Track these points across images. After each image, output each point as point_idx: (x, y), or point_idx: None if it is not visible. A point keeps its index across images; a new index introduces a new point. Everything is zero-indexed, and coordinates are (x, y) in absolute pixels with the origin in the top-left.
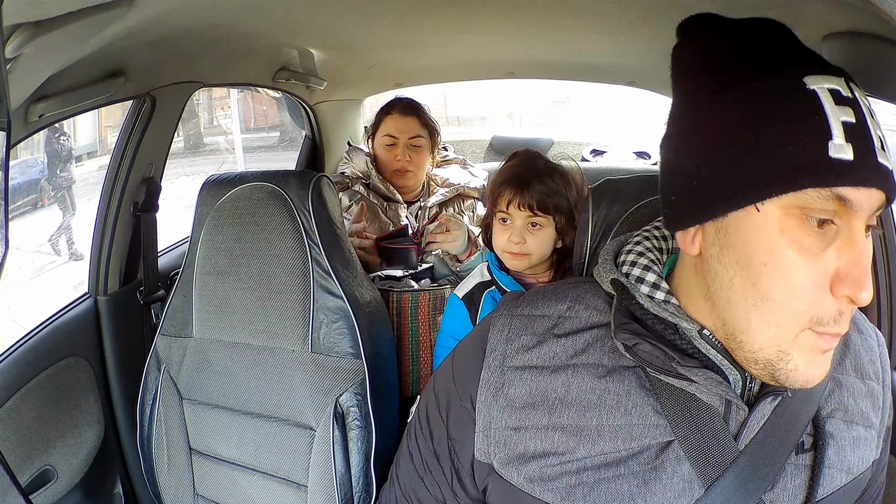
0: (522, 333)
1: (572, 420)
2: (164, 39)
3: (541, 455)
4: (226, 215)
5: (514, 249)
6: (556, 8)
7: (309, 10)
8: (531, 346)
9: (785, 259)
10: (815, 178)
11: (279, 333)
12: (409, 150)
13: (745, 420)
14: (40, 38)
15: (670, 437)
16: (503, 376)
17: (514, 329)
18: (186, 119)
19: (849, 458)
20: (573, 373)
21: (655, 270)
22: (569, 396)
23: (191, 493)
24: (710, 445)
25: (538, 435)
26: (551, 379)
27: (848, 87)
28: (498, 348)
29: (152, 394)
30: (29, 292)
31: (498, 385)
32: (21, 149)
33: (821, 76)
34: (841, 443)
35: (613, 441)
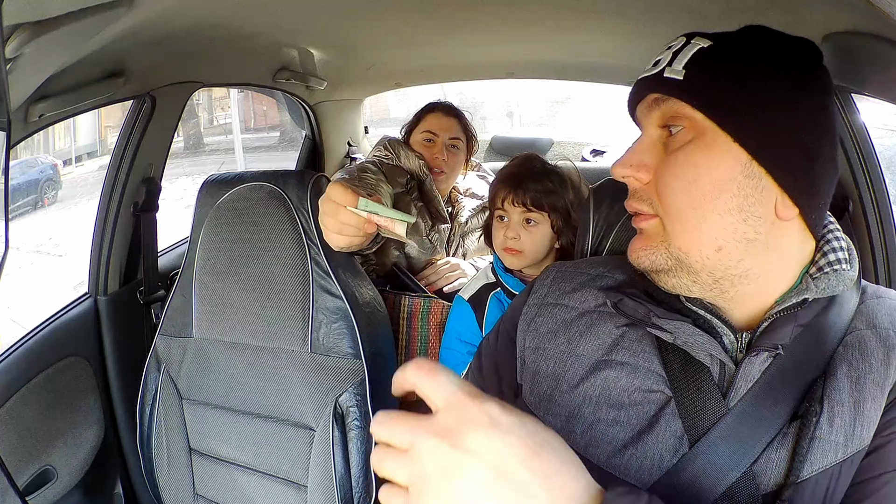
0: (564, 279)
1: (587, 350)
2: (164, 39)
3: (552, 377)
4: (225, 215)
5: (510, 245)
6: (556, 8)
7: (309, 10)
8: (568, 291)
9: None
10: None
11: (279, 334)
12: (448, 150)
13: (733, 377)
14: (40, 38)
15: (669, 393)
16: (539, 310)
17: (558, 276)
18: (186, 119)
19: (846, 430)
20: (598, 317)
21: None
22: (589, 333)
23: (191, 493)
24: (699, 401)
25: (554, 356)
26: (578, 317)
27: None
28: (541, 290)
29: (152, 394)
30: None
31: (532, 316)
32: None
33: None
34: (839, 410)
35: (618, 373)
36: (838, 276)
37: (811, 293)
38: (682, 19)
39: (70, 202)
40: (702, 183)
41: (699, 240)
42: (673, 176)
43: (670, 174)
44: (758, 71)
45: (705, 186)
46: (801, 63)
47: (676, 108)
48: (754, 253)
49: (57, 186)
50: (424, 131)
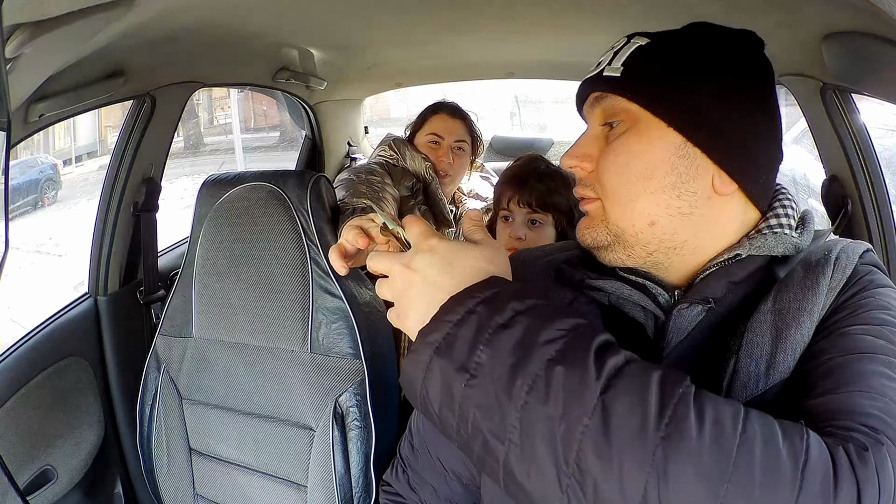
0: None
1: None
2: (164, 39)
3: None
4: (225, 215)
5: (515, 245)
6: (556, 8)
7: (309, 10)
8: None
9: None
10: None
11: (278, 333)
12: (453, 153)
13: (664, 328)
14: (40, 38)
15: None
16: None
17: (520, 261)
18: (186, 119)
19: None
20: (554, 285)
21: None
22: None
23: (191, 493)
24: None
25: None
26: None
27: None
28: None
29: (152, 394)
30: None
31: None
32: (21, 149)
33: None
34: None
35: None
36: (777, 237)
37: (743, 249)
38: (681, 19)
39: (70, 202)
40: (634, 165)
41: (632, 216)
42: (610, 161)
43: (608, 160)
44: (691, 62)
45: (638, 168)
46: (737, 52)
47: (615, 104)
48: (690, 226)
49: (57, 186)
50: (430, 133)
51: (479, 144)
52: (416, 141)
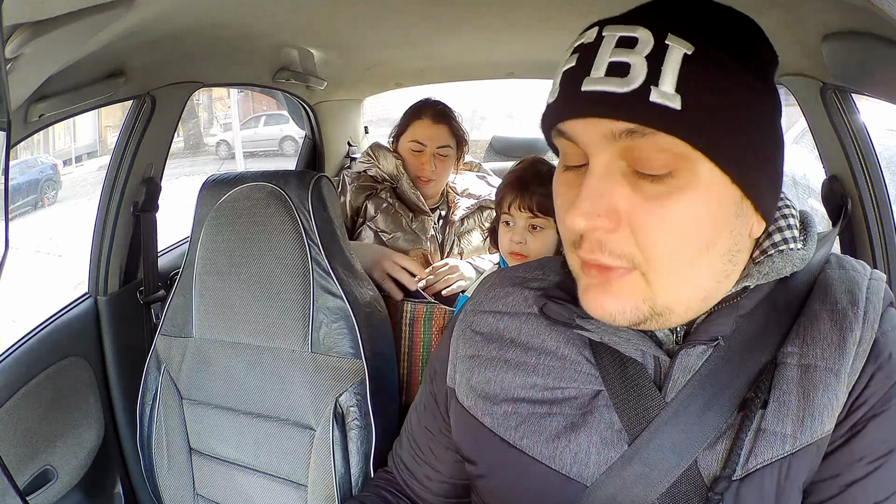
0: (499, 285)
1: (516, 356)
2: (164, 39)
3: (486, 381)
4: (225, 215)
5: (516, 249)
6: (556, 8)
7: (309, 10)
8: (502, 296)
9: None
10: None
11: (279, 333)
12: (436, 158)
13: (669, 370)
14: (40, 38)
15: (600, 387)
16: (474, 317)
17: (494, 283)
18: (186, 119)
19: (794, 419)
20: (525, 319)
21: None
22: (519, 338)
23: (191, 493)
24: (636, 397)
25: (488, 364)
26: (509, 323)
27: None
28: (477, 296)
29: (152, 394)
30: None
31: (468, 323)
32: (21, 149)
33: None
34: (786, 399)
35: (546, 378)
36: (784, 256)
37: (752, 280)
38: None
39: (70, 202)
40: (698, 235)
41: (689, 293)
42: (664, 229)
43: (660, 227)
44: (748, 84)
45: (702, 237)
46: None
47: (663, 145)
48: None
49: (57, 186)
50: (412, 140)
51: (464, 145)
52: (400, 146)
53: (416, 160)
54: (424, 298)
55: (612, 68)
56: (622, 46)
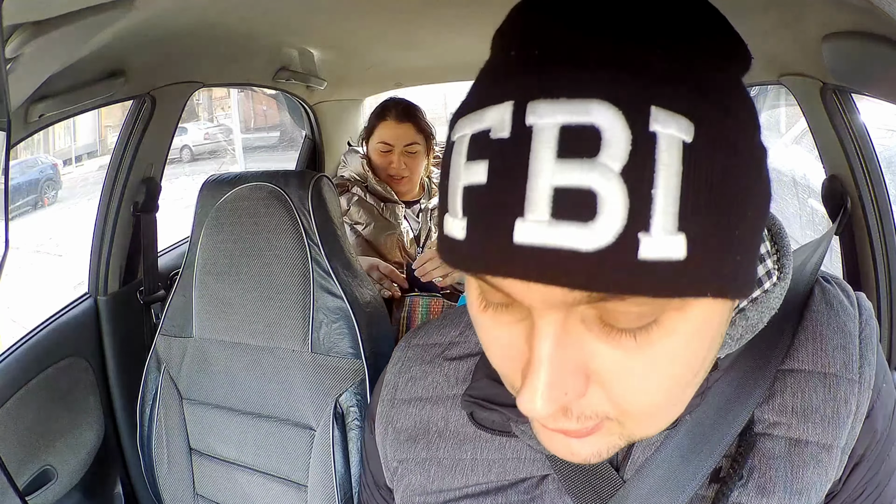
0: (413, 364)
1: (448, 453)
2: (164, 39)
3: (420, 486)
4: (225, 215)
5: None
6: None
7: (309, 10)
8: (419, 378)
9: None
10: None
11: (279, 333)
12: (405, 156)
13: (628, 453)
14: (40, 38)
15: (547, 471)
16: (393, 409)
17: (407, 360)
18: (186, 119)
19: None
20: (451, 405)
21: None
22: (447, 430)
23: (191, 493)
24: (589, 478)
25: (418, 468)
26: (433, 411)
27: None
28: (391, 382)
29: (152, 394)
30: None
31: (389, 419)
32: (21, 149)
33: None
34: (772, 475)
35: (487, 475)
36: (759, 305)
37: (724, 349)
38: None
39: (70, 202)
40: (685, 371)
41: (666, 421)
42: (648, 384)
43: (642, 383)
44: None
45: (690, 370)
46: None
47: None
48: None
49: (57, 186)
50: (379, 142)
51: (431, 139)
52: (369, 148)
53: (386, 160)
54: (419, 292)
55: (562, 202)
56: (571, 150)
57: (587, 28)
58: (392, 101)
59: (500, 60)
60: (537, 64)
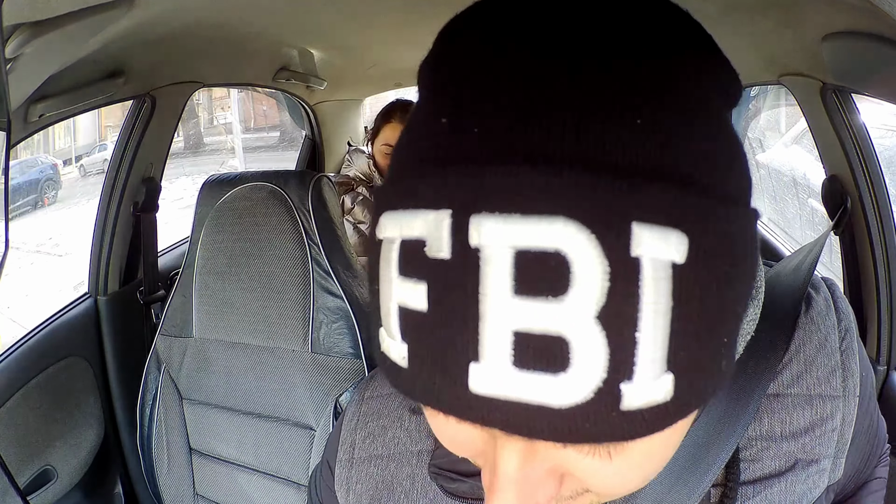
0: (370, 420)
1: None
2: (164, 39)
3: None
4: (226, 215)
5: None
6: None
7: (309, 10)
8: (377, 434)
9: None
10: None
11: (279, 333)
12: None
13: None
14: (40, 38)
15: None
16: (351, 471)
17: (363, 415)
18: (186, 119)
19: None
20: (418, 462)
21: None
22: (413, 489)
23: (191, 493)
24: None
25: None
26: (396, 470)
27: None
28: (347, 440)
29: (152, 394)
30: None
31: (347, 481)
32: (21, 149)
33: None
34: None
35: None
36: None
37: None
38: None
39: (70, 202)
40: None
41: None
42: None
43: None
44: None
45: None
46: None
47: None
48: None
49: (57, 186)
50: (383, 144)
51: None
52: (374, 150)
53: (389, 161)
54: None
55: (524, 349)
56: (531, 287)
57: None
58: (398, 102)
59: (428, 125)
60: (479, 153)
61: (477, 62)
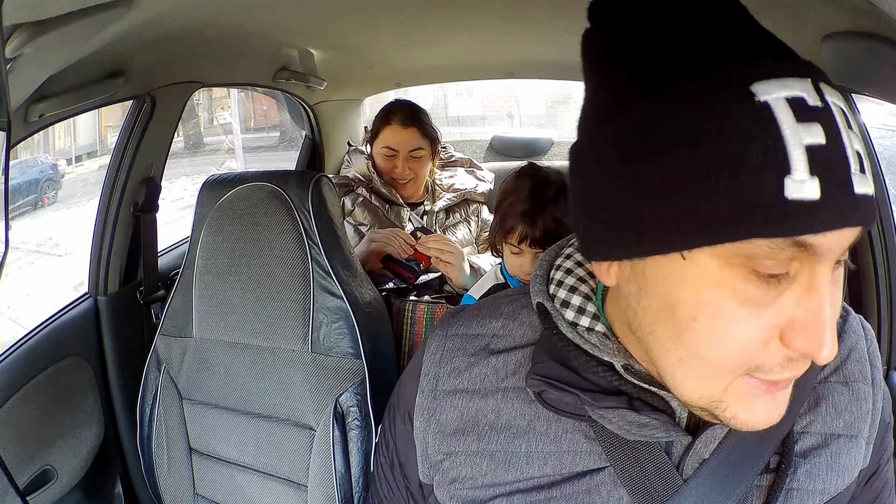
0: (455, 355)
1: (501, 446)
2: (164, 39)
3: (471, 479)
4: (226, 215)
5: (525, 280)
6: (556, 8)
7: (309, 10)
8: (463, 369)
9: (722, 314)
10: (766, 227)
11: (279, 333)
12: (409, 161)
13: (689, 447)
14: (40, 38)
15: (604, 464)
16: (435, 401)
17: (448, 350)
18: (186, 119)
19: (824, 478)
20: (503, 397)
21: (583, 291)
22: (499, 422)
23: (191, 493)
24: (649, 476)
25: (468, 461)
26: (482, 404)
27: (817, 92)
28: (431, 372)
29: (152, 394)
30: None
31: (431, 410)
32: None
33: (776, 81)
34: (816, 461)
35: (542, 468)
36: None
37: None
38: None
39: (70, 201)
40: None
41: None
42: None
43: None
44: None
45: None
46: None
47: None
48: None
49: (57, 186)
50: (384, 147)
51: (437, 143)
52: (374, 151)
53: (390, 164)
54: (425, 296)
55: (859, 160)
56: (802, 119)
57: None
58: (397, 103)
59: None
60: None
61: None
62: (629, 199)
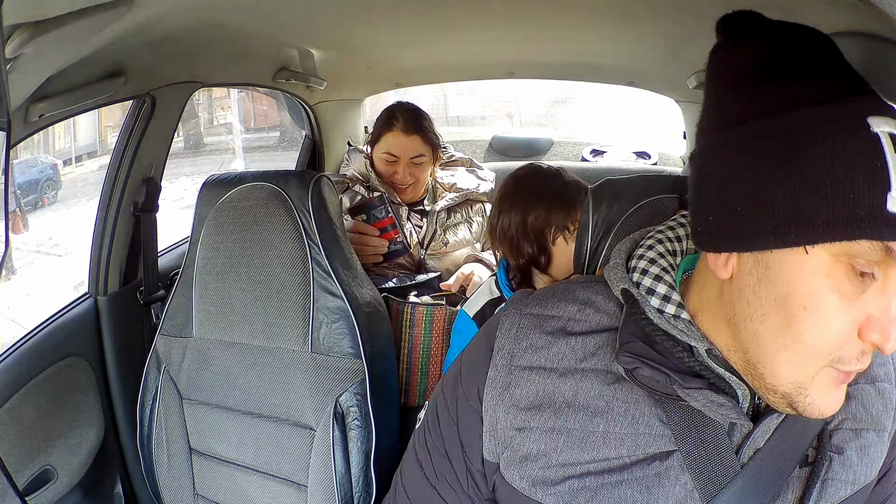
0: (531, 333)
1: (578, 424)
2: (164, 39)
3: (543, 457)
4: (226, 215)
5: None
6: (556, 8)
7: (309, 10)
8: (540, 347)
9: (825, 304)
10: (873, 231)
11: (279, 333)
12: (411, 167)
13: (749, 434)
14: (40, 38)
15: (673, 448)
16: (510, 375)
17: (523, 328)
18: (186, 119)
19: (855, 469)
20: (582, 377)
21: (667, 280)
22: (577, 401)
23: (191, 493)
24: (712, 460)
25: (543, 437)
26: (560, 382)
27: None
28: (505, 347)
29: (152, 394)
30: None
31: (504, 384)
32: (21, 149)
33: (882, 118)
34: (848, 454)
35: (618, 449)
36: None
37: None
38: (682, 19)
39: (71, 201)
40: None
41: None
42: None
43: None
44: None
45: None
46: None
47: None
48: None
49: (57, 186)
50: (385, 152)
51: (438, 149)
52: (374, 155)
53: (391, 169)
54: (424, 297)
55: None
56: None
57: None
58: (399, 107)
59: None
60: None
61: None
62: (772, 194)
